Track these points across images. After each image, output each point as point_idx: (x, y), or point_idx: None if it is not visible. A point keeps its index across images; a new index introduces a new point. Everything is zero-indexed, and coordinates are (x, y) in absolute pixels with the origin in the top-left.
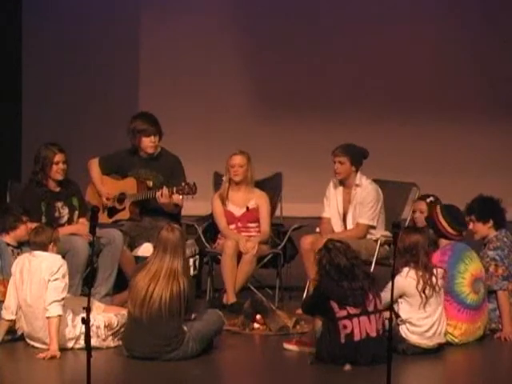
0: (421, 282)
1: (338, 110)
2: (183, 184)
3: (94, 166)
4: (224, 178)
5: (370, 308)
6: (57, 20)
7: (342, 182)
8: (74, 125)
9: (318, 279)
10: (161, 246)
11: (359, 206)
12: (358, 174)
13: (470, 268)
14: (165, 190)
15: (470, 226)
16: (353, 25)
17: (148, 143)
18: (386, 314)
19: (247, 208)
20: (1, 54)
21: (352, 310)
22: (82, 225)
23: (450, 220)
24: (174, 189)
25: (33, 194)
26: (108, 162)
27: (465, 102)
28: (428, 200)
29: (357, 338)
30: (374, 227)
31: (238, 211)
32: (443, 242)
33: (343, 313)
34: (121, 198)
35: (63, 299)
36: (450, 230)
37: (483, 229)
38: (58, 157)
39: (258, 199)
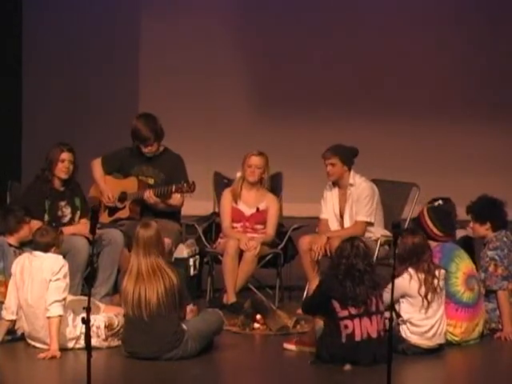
0: (423, 286)
1: (338, 110)
2: (182, 182)
3: (97, 166)
4: (238, 175)
5: (372, 309)
6: (57, 20)
7: (336, 183)
8: (74, 125)
9: (321, 277)
10: (136, 245)
11: (355, 204)
12: (351, 173)
13: (461, 266)
14: (148, 192)
15: (470, 225)
16: (354, 25)
17: (145, 150)
18: (387, 315)
19: (257, 209)
20: (1, 54)
21: (353, 311)
22: (83, 225)
23: (436, 222)
24: (173, 187)
25: (38, 190)
26: (111, 161)
27: (465, 102)
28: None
29: (357, 338)
30: (371, 224)
31: (248, 211)
32: (431, 243)
33: (345, 313)
34: (122, 197)
35: (64, 299)
36: (436, 231)
37: (480, 230)
38: (65, 155)
39: (269, 202)
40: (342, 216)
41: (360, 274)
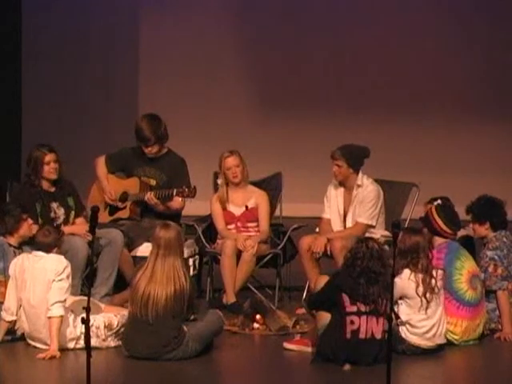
0: (421, 286)
1: (338, 110)
2: (183, 186)
3: (101, 163)
4: (220, 181)
5: (381, 310)
6: (57, 20)
7: (342, 183)
8: (74, 125)
9: (336, 271)
10: (156, 245)
11: (359, 205)
12: (360, 174)
13: (466, 265)
14: (149, 194)
15: (470, 225)
16: (354, 26)
17: (145, 151)
18: None
19: (246, 207)
20: (0, 54)
21: (362, 307)
22: (81, 225)
23: (445, 219)
24: (174, 191)
25: (27, 195)
26: (114, 160)
27: (465, 103)
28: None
29: (362, 335)
30: (373, 227)
31: (237, 211)
32: (438, 240)
33: (353, 308)
34: (123, 197)
35: (65, 300)
36: (444, 228)
37: (480, 229)
38: (49, 157)
39: (258, 198)
40: (345, 216)
41: (375, 275)
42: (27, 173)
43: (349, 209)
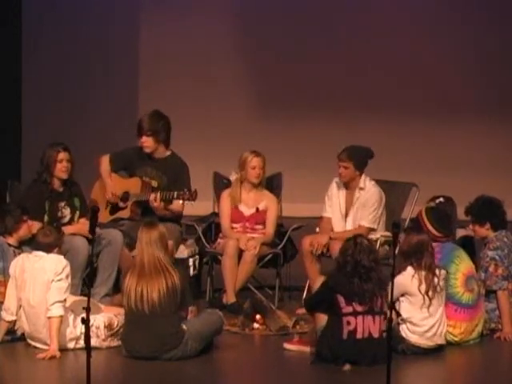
0: (423, 283)
1: (338, 109)
2: (184, 190)
3: (105, 162)
4: (234, 178)
5: (377, 308)
6: (57, 20)
7: (345, 184)
8: (74, 125)
9: (329, 272)
10: (139, 242)
11: (361, 208)
12: (363, 177)
13: (461, 267)
14: (153, 196)
15: (470, 227)
16: (353, 25)
17: (140, 141)
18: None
19: (257, 209)
20: (1, 54)
21: (358, 308)
22: (83, 224)
23: (434, 222)
24: (175, 193)
25: (37, 192)
26: (118, 159)
27: (465, 102)
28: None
29: (359, 336)
30: (374, 230)
31: (247, 211)
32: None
33: (349, 309)
34: (125, 196)
35: (65, 300)
36: (434, 232)
37: (481, 230)
38: (62, 155)
39: (269, 202)
40: (346, 217)
41: (366, 270)
42: (39, 170)
43: (350, 210)
